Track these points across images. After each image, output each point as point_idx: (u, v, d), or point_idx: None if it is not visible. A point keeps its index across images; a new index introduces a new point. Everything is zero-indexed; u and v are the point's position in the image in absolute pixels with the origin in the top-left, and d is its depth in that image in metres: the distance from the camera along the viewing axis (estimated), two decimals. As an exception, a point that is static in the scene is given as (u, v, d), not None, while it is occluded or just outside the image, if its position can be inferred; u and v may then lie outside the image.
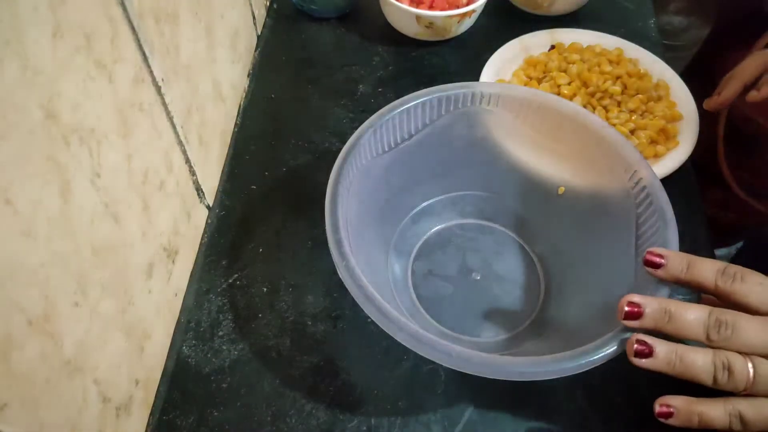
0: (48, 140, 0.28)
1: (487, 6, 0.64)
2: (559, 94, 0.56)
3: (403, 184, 0.49)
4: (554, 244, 0.49)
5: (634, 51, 0.61)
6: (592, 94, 0.56)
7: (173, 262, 0.44)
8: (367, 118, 0.44)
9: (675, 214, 0.39)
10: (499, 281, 0.48)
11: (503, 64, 0.61)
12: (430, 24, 0.62)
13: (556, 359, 0.34)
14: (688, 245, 0.40)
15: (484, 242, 0.51)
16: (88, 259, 0.32)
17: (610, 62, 0.59)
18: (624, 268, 0.40)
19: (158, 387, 0.43)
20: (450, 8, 0.62)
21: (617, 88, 0.56)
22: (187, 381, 0.43)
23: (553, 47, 0.63)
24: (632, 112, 0.55)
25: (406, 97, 0.45)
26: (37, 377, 0.28)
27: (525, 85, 0.59)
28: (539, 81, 0.59)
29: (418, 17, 0.61)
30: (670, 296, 0.35)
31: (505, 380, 0.34)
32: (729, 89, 0.51)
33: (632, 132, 0.54)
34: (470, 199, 0.52)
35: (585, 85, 0.57)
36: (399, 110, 0.45)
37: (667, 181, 0.45)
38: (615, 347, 0.34)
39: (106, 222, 0.34)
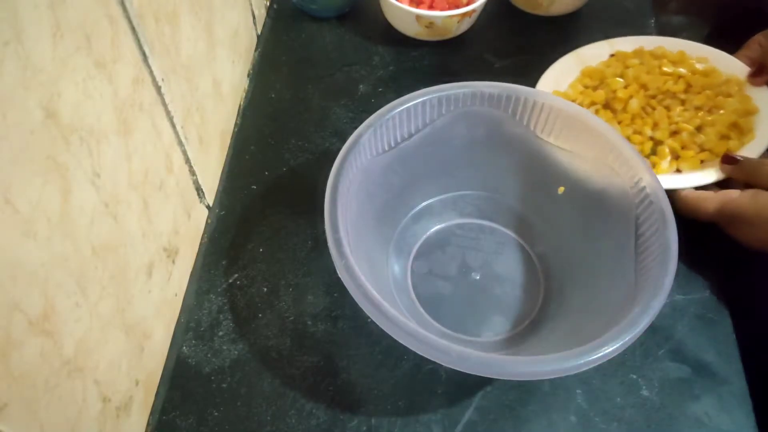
0: (48, 140, 0.28)
1: (487, 6, 0.64)
2: (614, 98, 0.55)
3: (403, 183, 0.49)
4: (554, 244, 0.49)
5: (699, 50, 0.58)
6: (653, 96, 0.54)
7: (173, 262, 0.44)
8: (367, 118, 0.44)
9: (675, 213, 0.39)
10: (499, 281, 0.48)
11: (559, 76, 0.58)
12: (430, 24, 0.62)
13: (556, 359, 0.34)
14: (689, 245, 0.40)
15: (484, 242, 0.51)
16: (88, 259, 0.32)
17: (673, 63, 0.56)
18: (624, 268, 0.40)
19: (158, 387, 0.43)
20: (450, 8, 0.62)
21: (680, 87, 0.54)
22: (187, 381, 0.43)
23: (612, 55, 0.60)
24: (698, 109, 0.53)
25: (405, 97, 0.45)
26: (37, 377, 0.28)
27: (580, 94, 0.57)
28: (594, 89, 0.57)
29: (418, 17, 0.61)
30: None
31: (505, 380, 0.34)
32: None
33: (699, 129, 0.52)
34: (470, 199, 0.52)
35: (644, 87, 0.55)
36: (399, 110, 0.45)
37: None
38: (615, 347, 0.34)
39: (106, 222, 0.34)
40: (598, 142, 0.44)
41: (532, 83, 0.55)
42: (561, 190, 0.48)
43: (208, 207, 0.52)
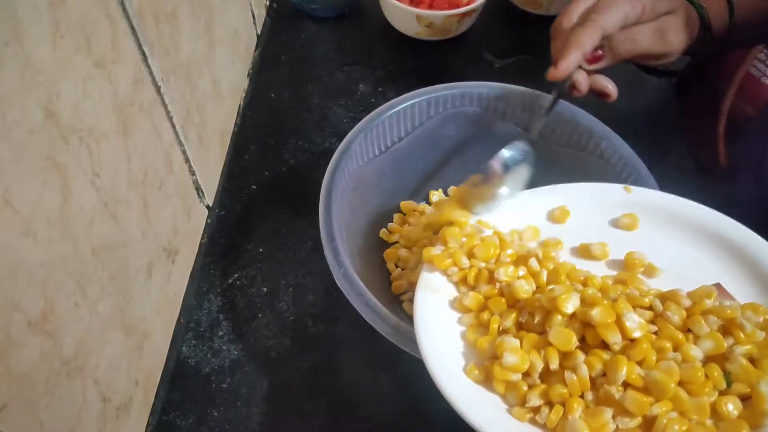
0: (47, 140, 0.28)
1: (487, 5, 0.64)
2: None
3: (395, 186, 0.50)
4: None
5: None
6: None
7: (173, 262, 0.44)
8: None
9: None
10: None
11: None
12: (430, 24, 0.62)
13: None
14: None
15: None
16: (88, 259, 0.32)
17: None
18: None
19: (158, 387, 0.43)
20: (450, 8, 0.62)
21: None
22: (187, 381, 0.43)
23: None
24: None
25: (395, 100, 0.46)
26: (36, 377, 0.28)
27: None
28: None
29: (418, 17, 0.61)
30: None
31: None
32: (568, 60, 0.42)
33: None
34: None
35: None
36: (388, 113, 0.45)
37: (668, 182, 0.45)
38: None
39: (106, 222, 0.34)
40: (591, 140, 0.44)
41: (532, 83, 0.55)
42: None
43: (208, 207, 0.52)
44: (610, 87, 0.43)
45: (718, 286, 0.32)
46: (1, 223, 0.25)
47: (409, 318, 0.45)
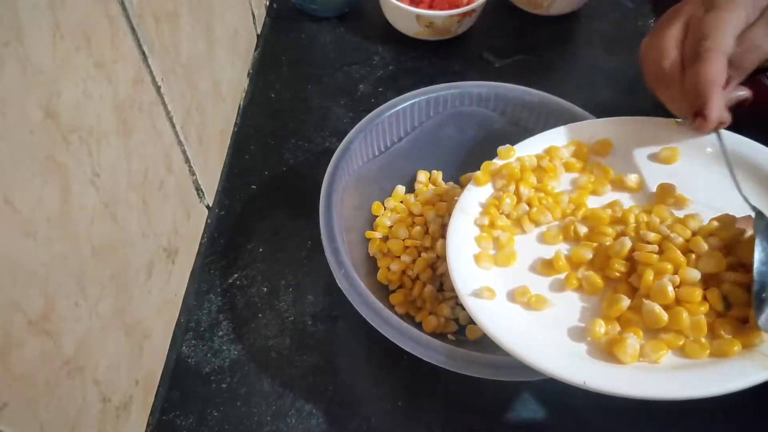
0: (48, 140, 0.28)
1: (487, 5, 0.64)
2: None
3: (396, 185, 0.50)
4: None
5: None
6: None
7: (173, 262, 0.44)
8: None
9: None
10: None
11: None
12: (430, 23, 0.62)
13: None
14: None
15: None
16: (88, 259, 0.32)
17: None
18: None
19: (158, 387, 0.43)
20: (450, 8, 0.62)
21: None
22: (187, 381, 0.43)
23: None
24: None
25: (394, 100, 0.46)
26: (36, 377, 0.28)
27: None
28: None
29: (419, 17, 0.61)
30: None
31: (505, 380, 0.34)
32: (715, 106, 0.36)
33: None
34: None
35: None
36: (388, 114, 0.45)
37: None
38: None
39: (106, 222, 0.34)
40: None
41: (533, 83, 0.56)
42: None
43: (207, 207, 0.52)
44: (744, 93, 0.38)
45: (748, 218, 0.33)
46: (1, 223, 0.25)
47: (409, 318, 0.45)
